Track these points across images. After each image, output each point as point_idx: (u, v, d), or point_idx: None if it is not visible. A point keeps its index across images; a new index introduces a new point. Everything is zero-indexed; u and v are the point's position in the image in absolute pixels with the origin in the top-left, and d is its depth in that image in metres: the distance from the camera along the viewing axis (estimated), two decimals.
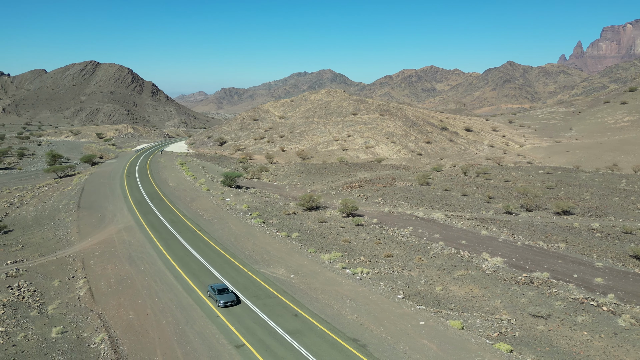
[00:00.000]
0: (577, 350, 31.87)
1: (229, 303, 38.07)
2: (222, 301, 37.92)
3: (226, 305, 37.92)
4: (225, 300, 37.95)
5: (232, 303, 38.38)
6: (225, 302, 37.88)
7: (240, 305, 38.37)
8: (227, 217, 70.03)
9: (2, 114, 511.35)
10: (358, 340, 32.65)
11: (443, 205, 79.58)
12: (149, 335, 33.81)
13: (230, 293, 39.30)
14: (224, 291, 39.20)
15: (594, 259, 51.14)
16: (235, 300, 38.80)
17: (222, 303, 37.83)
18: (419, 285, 43.30)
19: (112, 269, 48.35)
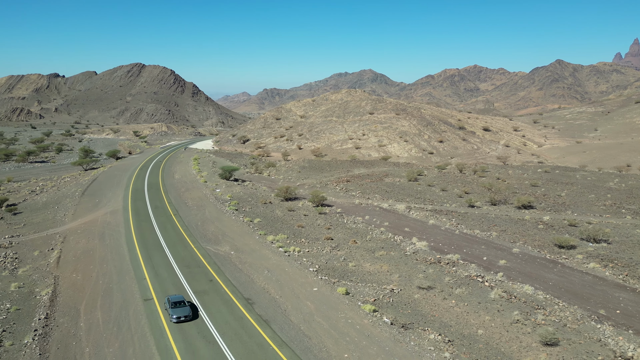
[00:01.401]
0: (434, 313, 36.16)
1: (182, 318, 33.64)
2: (174, 316, 33.55)
3: (179, 321, 33.58)
4: (179, 315, 33.62)
5: (186, 318, 33.79)
6: (178, 317, 33.57)
7: (167, 271, 44.92)
8: (207, 204, 77.12)
9: (55, 113, 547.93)
10: (250, 300, 38.36)
11: (414, 198, 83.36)
12: (84, 291, 40.91)
13: (186, 307, 34.65)
14: (179, 304, 34.84)
15: (514, 246, 54.11)
16: (191, 315, 34.12)
17: (174, 318, 33.49)
18: (336, 262, 48.33)
19: (84, 243, 56.26)
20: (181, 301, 35.27)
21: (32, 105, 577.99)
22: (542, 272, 45.41)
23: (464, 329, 33.65)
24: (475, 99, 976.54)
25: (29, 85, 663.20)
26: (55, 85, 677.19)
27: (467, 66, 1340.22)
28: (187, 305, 34.89)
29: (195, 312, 35.59)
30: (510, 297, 38.59)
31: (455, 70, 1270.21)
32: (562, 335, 32.49)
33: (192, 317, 34.48)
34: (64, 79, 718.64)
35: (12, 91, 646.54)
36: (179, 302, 35.07)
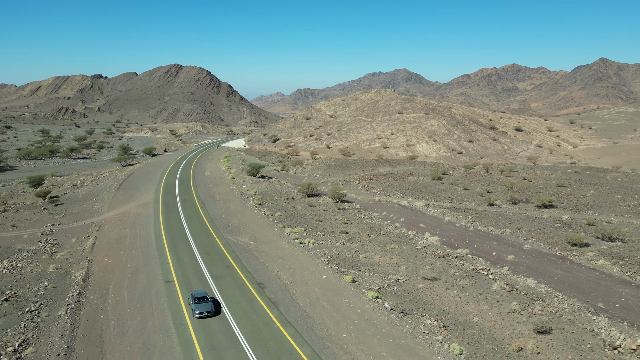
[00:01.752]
0: (435, 302, 37.85)
1: (205, 314, 33.65)
2: (197, 311, 33.66)
3: (201, 317, 33.66)
4: (201, 311, 33.64)
5: (209, 314, 33.81)
6: (201, 313, 33.60)
7: (189, 257, 48.34)
8: (232, 199, 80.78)
9: (97, 113, 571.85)
10: (262, 284, 41.14)
11: (435, 196, 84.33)
12: (113, 273, 44.78)
13: (209, 302, 34.70)
14: (202, 300, 34.89)
15: (526, 243, 54.70)
16: (213, 311, 34.04)
17: (197, 314, 33.62)
18: (348, 254, 50.53)
19: (116, 231, 60.67)
20: (204, 297, 35.12)
21: (77, 104, 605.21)
22: (549, 267, 46.13)
23: (460, 316, 35.25)
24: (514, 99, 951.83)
25: (74, 86, 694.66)
26: (98, 85, 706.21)
27: (505, 65, 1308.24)
28: (209, 301, 34.83)
29: (218, 307, 35.65)
30: (511, 289, 39.76)
31: (493, 69, 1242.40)
32: (556, 324, 33.61)
33: (215, 313, 34.31)
34: (106, 79, 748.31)
35: (58, 91, 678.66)
36: (202, 297, 34.93)
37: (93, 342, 31.26)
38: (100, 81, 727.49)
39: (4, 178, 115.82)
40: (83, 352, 30.07)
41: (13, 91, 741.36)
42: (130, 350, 29.77)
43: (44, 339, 31.75)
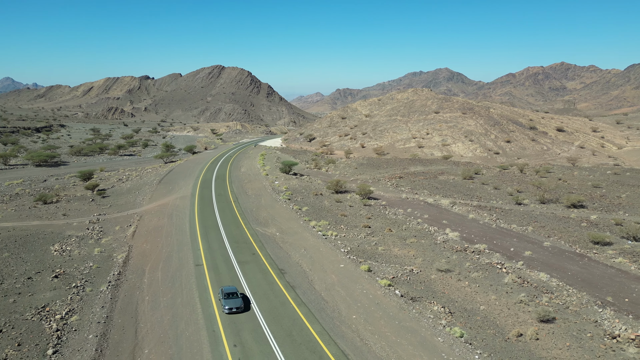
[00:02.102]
0: (445, 291, 39.57)
1: (234, 310, 33.56)
2: (226, 307, 33.69)
3: (230, 312, 33.59)
4: (230, 307, 33.63)
5: (238, 310, 33.66)
6: (230, 309, 33.58)
7: (218, 245, 52.00)
8: (264, 194, 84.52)
9: (144, 112, 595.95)
10: (283, 270, 44.13)
11: (463, 195, 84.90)
12: (150, 257, 49.04)
13: (239, 298, 34.60)
14: (231, 295, 34.93)
15: (547, 240, 54.96)
16: (242, 307, 33.93)
17: (226, 309, 33.63)
18: (367, 246, 52.77)
19: (155, 221, 65.44)
20: (234, 292, 35.14)
21: (125, 104, 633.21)
22: (565, 263, 46.65)
23: (467, 305, 36.88)
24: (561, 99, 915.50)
25: (123, 87, 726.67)
26: (145, 86, 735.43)
27: (552, 64, 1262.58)
28: (239, 297, 34.75)
29: (248, 304, 35.47)
30: (522, 282, 40.87)
31: (540, 68, 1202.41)
32: (560, 315, 34.69)
33: (244, 309, 34.20)
34: (153, 80, 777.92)
35: (108, 92, 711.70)
36: (232, 293, 35.00)
37: (129, 314, 35.16)
38: (147, 82, 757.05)
39: (58, 172, 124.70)
40: (120, 321, 33.97)
41: (67, 92, 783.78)
42: (161, 321, 33.39)
43: (87, 310, 35.96)
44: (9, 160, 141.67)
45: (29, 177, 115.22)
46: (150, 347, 29.73)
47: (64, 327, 32.78)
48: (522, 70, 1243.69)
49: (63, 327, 32.75)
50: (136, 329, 32.47)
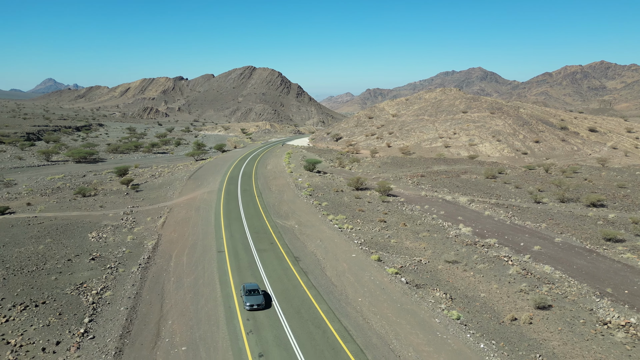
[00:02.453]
0: (449, 280, 41.63)
1: (255, 307, 33.78)
2: (247, 303, 33.82)
3: (252, 309, 33.73)
4: (252, 303, 33.79)
5: (259, 307, 33.87)
6: (251, 305, 33.76)
7: (240, 234, 55.46)
8: (287, 190, 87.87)
9: (178, 112, 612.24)
10: (298, 258, 47.12)
11: (482, 193, 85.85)
12: (177, 244, 52.98)
13: (260, 295, 34.82)
14: (253, 292, 35.17)
15: (559, 236, 55.85)
16: (263, 304, 34.07)
17: (247, 306, 33.76)
18: (380, 239, 55.14)
19: (183, 213, 69.71)
20: (255, 289, 35.40)
21: (160, 104, 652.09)
22: (573, 258, 47.76)
23: (469, 292, 38.88)
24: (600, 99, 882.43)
25: (158, 87, 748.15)
26: (179, 87, 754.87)
27: (592, 62, 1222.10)
28: (260, 294, 34.97)
29: (269, 301, 35.69)
30: (526, 274, 42.46)
31: (578, 67, 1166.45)
32: (557, 303, 36.28)
33: (265, 307, 34.35)
34: (186, 81, 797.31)
35: (144, 92, 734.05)
36: (253, 290, 35.27)
37: (156, 291, 38.89)
38: (181, 83, 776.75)
39: (96, 168, 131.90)
40: (148, 297, 37.73)
41: (106, 92, 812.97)
42: (184, 298, 36.94)
43: (119, 287, 39.93)
44: (51, 156, 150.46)
45: (70, 172, 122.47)
46: (173, 319, 33.25)
47: (99, 300, 36.78)
48: (559, 70, 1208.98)
49: (98, 300, 36.75)
50: (162, 304, 36.10)
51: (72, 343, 29.85)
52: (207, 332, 30.79)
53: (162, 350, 28.76)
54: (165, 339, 30.24)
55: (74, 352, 28.70)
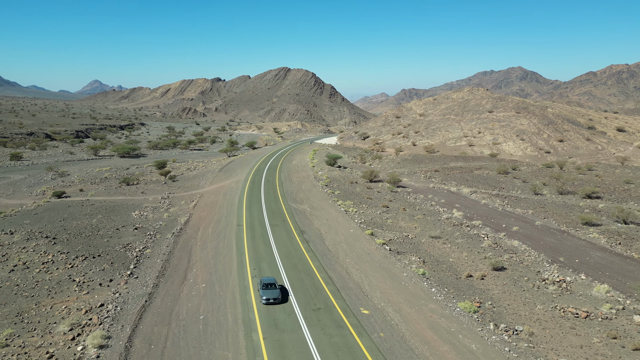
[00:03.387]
0: (427, 249, 49.15)
1: (272, 301, 33.29)
2: (264, 297, 33.48)
3: (268, 303, 33.27)
4: (268, 297, 33.39)
5: (275, 301, 33.34)
6: (267, 299, 33.34)
7: (258, 214, 64.58)
8: (306, 181, 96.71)
9: (215, 112, 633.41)
10: (303, 231, 55.73)
11: (487, 186, 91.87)
12: (205, 220, 62.65)
13: (276, 289, 34.37)
14: (269, 286, 34.80)
15: (541, 221, 61.92)
16: (280, 299, 33.58)
17: (264, 300, 33.39)
18: (379, 220, 62.98)
19: (212, 197, 79.67)
20: (272, 283, 35.10)
21: (198, 105, 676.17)
22: (544, 236, 54.14)
23: (440, 258, 46.34)
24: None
25: (196, 88, 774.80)
26: (216, 88, 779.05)
27: (639, 61, 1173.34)
28: (277, 288, 34.64)
29: (285, 295, 35.31)
30: (496, 246, 49.43)
31: (624, 66, 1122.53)
32: (512, 267, 43.27)
33: (282, 301, 33.97)
34: (223, 82, 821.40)
35: (183, 93, 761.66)
36: (270, 284, 35.00)
37: (185, 251, 48.40)
38: (219, 84, 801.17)
39: (138, 162, 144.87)
40: (178, 254, 47.25)
41: (147, 93, 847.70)
42: (206, 255, 46.23)
43: (156, 247, 49.72)
44: (99, 152, 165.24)
45: (115, 165, 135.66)
46: (197, 268, 42.54)
47: (141, 255, 46.57)
48: (604, 69, 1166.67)
49: (140, 255, 46.56)
50: (189, 259, 45.52)
51: (121, 280, 39.57)
52: (222, 276, 39.87)
53: (187, 286, 38.01)
54: (190, 280, 39.51)
55: (123, 285, 38.35)
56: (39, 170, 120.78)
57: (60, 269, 41.80)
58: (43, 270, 41.65)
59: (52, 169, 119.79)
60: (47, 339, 29.81)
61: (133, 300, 35.10)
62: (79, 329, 30.87)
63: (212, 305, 33.75)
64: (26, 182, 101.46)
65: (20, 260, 44.08)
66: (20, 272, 41.41)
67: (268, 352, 26.97)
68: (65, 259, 44.17)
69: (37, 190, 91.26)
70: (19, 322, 32.50)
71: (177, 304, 34.14)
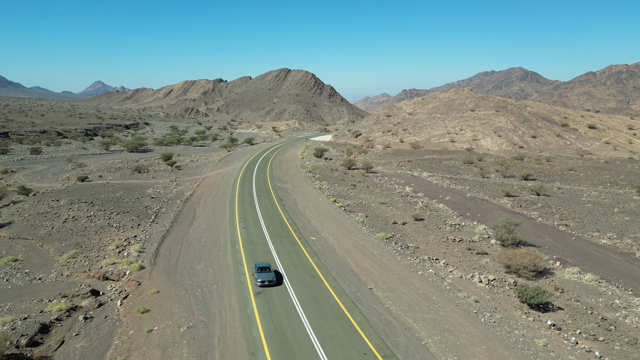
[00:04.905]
0: (373, 209, 65.13)
1: (266, 283, 35.25)
2: (259, 280, 35.38)
3: (263, 285, 35.21)
4: (263, 280, 35.33)
5: (270, 283, 35.32)
6: (262, 282, 35.31)
7: (248, 190, 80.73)
8: (293, 168, 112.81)
9: (217, 112, 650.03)
10: (282, 200, 71.85)
11: (446, 172, 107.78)
12: (205, 194, 78.84)
13: (271, 272, 36.28)
14: (264, 269, 36.67)
15: (472, 193, 77.90)
16: (274, 281, 35.55)
17: (259, 282, 35.31)
18: (344, 193, 79.01)
19: (212, 179, 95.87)
20: (267, 267, 36.99)
21: (200, 105, 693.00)
22: (467, 202, 70.01)
23: (380, 214, 62.36)
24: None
25: (198, 89, 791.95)
26: (218, 89, 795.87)
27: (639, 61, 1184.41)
28: (271, 272, 36.51)
29: (280, 278, 37.25)
30: (425, 208, 65.35)
31: (624, 66, 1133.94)
32: (428, 218, 59.24)
33: (276, 283, 35.96)
34: (225, 83, 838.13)
35: (185, 94, 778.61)
36: (265, 267, 36.93)
37: (191, 210, 64.57)
38: (220, 85, 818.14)
39: (146, 156, 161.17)
40: (186, 212, 63.41)
41: (150, 94, 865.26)
42: (207, 212, 62.38)
43: (169, 208, 65.91)
44: (110, 147, 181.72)
45: (125, 158, 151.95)
46: (200, 218, 58.71)
47: (158, 212, 62.80)
48: (603, 69, 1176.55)
49: (157, 212, 62.79)
50: (194, 214, 61.71)
51: (146, 225, 55.79)
52: (218, 222, 56.07)
53: (192, 227, 54.21)
54: (194, 224, 55.73)
55: (148, 226, 54.57)
56: (58, 162, 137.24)
57: (101, 220, 58.10)
58: (88, 221, 57.91)
59: (71, 161, 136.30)
60: (102, 253, 46.00)
61: (156, 233, 51.36)
62: (122, 247, 47.05)
63: (210, 235, 50.00)
64: (50, 171, 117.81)
65: (69, 215, 60.31)
66: (71, 222, 57.63)
67: (245, 253, 43.20)
68: (103, 214, 60.47)
69: (62, 177, 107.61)
70: (79, 247, 48.68)
71: (186, 235, 50.41)
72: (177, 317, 30.20)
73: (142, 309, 31.05)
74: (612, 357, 26.41)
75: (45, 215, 60.18)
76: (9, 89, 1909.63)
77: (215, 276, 37.81)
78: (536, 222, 57.25)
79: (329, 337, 27.64)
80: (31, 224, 57.07)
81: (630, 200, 72.07)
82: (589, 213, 63.16)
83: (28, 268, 43.24)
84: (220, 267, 39.98)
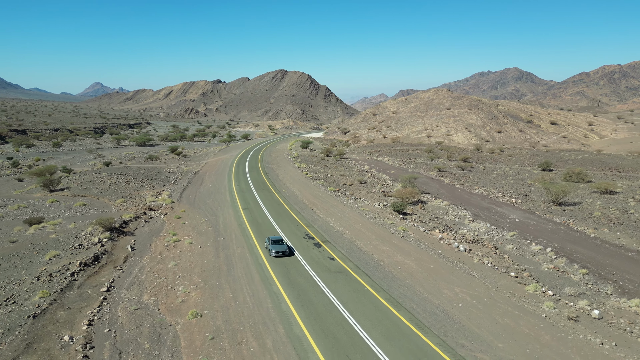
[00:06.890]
0: (334, 179, 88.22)
1: (280, 253, 39.77)
2: (273, 251, 39.87)
3: (277, 255, 39.70)
4: (277, 250, 39.82)
5: (284, 254, 39.82)
6: (277, 252, 39.80)
7: (242, 170, 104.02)
8: (280, 156, 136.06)
9: (215, 113, 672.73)
10: (267, 174, 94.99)
11: (406, 157, 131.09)
12: (208, 172, 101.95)
13: (284, 244, 40.72)
14: (277, 242, 40.98)
15: (412, 169, 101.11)
16: (287, 252, 40.07)
17: (273, 253, 39.78)
18: (316, 170, 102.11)
19: (214, 163, 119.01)
20: (279, 240, 41.74)
21: (200, 106, 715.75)
22: (403, 174, 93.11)
23: (337, 180, 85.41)
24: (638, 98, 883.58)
25: (197, 90, 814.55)
26: (217, 90, 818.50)
27: (632, 61, 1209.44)
28: (284, 244, 41.18)
29: (292, 250, 42.13)
30: (372, 177, 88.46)
31: (617, 66, 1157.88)
32: (370, 182, 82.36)
33: (289, 254, 40.66)
34: (224, 84, 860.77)
35: (185, 95, 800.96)
36: (278, 240, 41.57)
37: (199, 178, 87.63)
38: (219, 86, 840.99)
39: (154, 149, 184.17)
40: (196, 179, 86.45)
41: (151, 95, 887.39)
42: (211, 179, 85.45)
43: (183, 178, 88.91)
44: (121, 142, 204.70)
45: (137, 151, 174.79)
46: (206, 182, 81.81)
47: (176, 180, 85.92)
48: (597, 69, 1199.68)
49: (175, 179, 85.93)
50: (202, 180, 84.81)
51: (169, 186, 78.92)
52: (219, 183, 79.23)
53: (202, 186, 77.35)
54: (203, 185, 78.87)
55: (171, 186, 77.69)
56: (80, 153, 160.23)
57: (136, 184, 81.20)
58: (127, 184, 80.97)
59: (92, 152, 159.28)
60: (142, 200, 69.06)
61: (178, 189, 74.55)
62: (155, 197, 70.08)
63: (214, 189, 73.26)
64: (76, 160, 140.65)
65: (112, 181, 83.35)
66: (114, 185, 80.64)
67: (239, 196, 66.52)
68: (136, 180, 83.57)
69: (88, 164, 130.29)
70: (125, 197, 71.68)
71: (199, 189, 73.69)
72: (198, 218, 53.50)
73: (177, 216, 54.31)
74: (426, 227, 49.80)
75: (93, 182, 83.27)
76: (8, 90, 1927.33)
77: (218, 205, 61.04)
78: (445, 183, 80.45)
79: (281, 222, 51.30)
80: (85, 188, 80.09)
81: (529, 173, 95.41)
82: (489, 180, 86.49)
83: (95, 207, 66.28)
84: (221, 201, 63.27)
